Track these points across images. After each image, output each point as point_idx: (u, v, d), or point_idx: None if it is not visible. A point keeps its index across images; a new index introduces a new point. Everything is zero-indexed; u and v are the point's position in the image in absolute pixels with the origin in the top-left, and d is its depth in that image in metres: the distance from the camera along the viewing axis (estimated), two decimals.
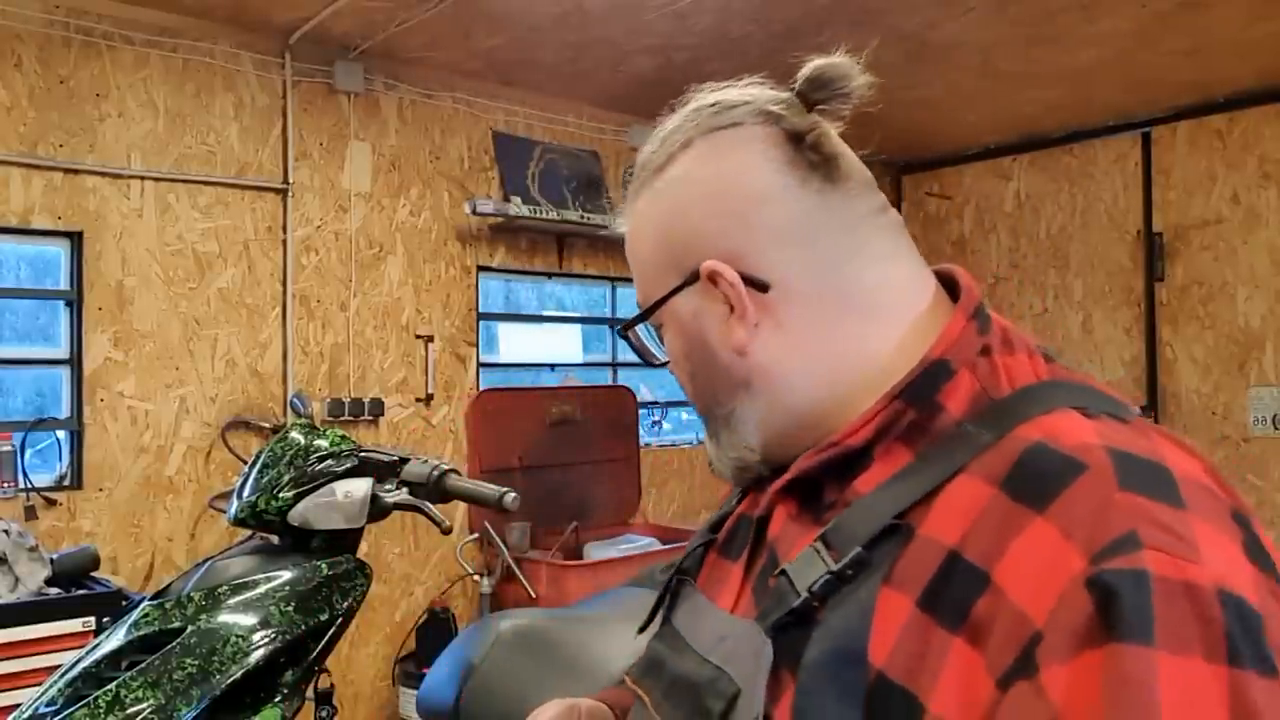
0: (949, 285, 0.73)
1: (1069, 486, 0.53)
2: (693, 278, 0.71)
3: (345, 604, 1.50)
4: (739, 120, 0.71)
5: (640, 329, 0.78)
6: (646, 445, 4.29)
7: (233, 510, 1.57)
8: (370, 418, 3.49)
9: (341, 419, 3.40)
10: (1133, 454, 0.55)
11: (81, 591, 2.49)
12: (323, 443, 1.58)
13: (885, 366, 0.67)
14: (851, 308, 0.69)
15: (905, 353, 0.67)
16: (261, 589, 1.44)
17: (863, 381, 0.67)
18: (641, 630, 0.84)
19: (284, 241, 3.33)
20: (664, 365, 0.78)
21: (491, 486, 1.54)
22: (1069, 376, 0.65)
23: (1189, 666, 0.46)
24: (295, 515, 1.51)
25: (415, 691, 2.90)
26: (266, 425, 3.23)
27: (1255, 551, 0.52)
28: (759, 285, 0.69)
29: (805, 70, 0.69)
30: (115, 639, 1.40)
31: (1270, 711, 0.46)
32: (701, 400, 0.76)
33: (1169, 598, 0.47)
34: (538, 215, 3.82)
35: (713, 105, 0.73)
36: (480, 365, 3.86)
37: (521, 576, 3.38)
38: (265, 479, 1.54)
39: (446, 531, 1.56)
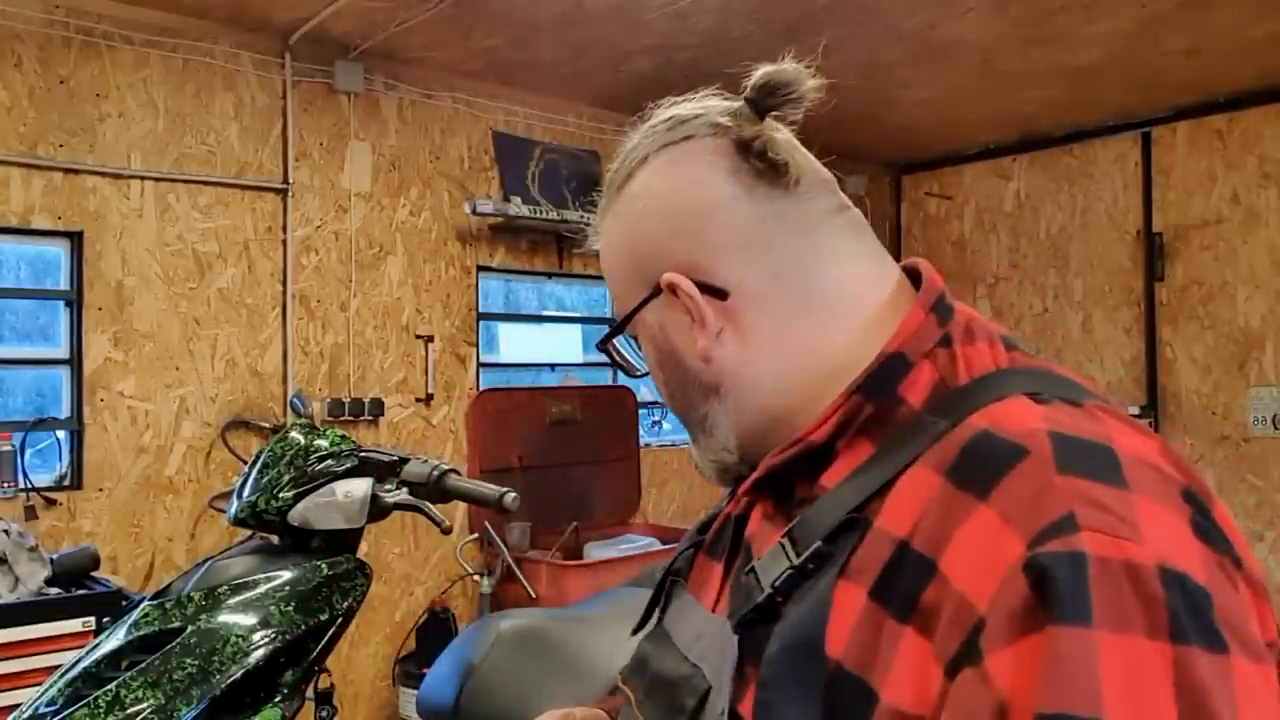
0: (916, 279, 0.73)
1: (1010, 472, 0.54)
2: (656, 290, 0.73)
3: (345, 604, 1.50)
4: (691, 133, 0.73)
5: (620, 341, 0.80)
6: (646, 445, 4.29)
7: (233, 510, 1.57)
8: (370, 418, 3.49)
9: (341, 419, 3.40)
10: (1076, 436, 0.55)
11: (81, 591, 2.49)
12: (323, 443, 1.58)
13: (846, 362, 0.68)
14: (810, 307, 0.70)
15: (864, 348, 0.68)
16: (261, 589, 1.44)
17: (825, 379, 0.69)
18: (636, 631, 0.85)
19: (284, 241, 3.33)
20: (644, 375, 0.80)
21: (491, 486, 1.54)
22: (1028, 363, 0.66)
23: (1130, 644, 0.46)
24: (295, 515, 1.51)
25: (415, 691, 2.90)
26: (266, 425, 3.23)
27: (1204, 529, 0.52)
28: (717, 293, 0.70)
29: (754, 78, 0.70)
30: (115, 639, 1.40)
31: (1217, 687, 0.45)
32: (677, 406, 0.78)
33: (1107, 577, 0.47)
34: (538, 215, 3.82)
35: (667, 121, 0.75)
36: (480, 365, 3.86)
37: (521, 576, 3.38)
38: (265, 479, 1.54)
39: (446, 531, 1.56)
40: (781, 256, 0.70)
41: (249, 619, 1.41)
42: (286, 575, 1.47)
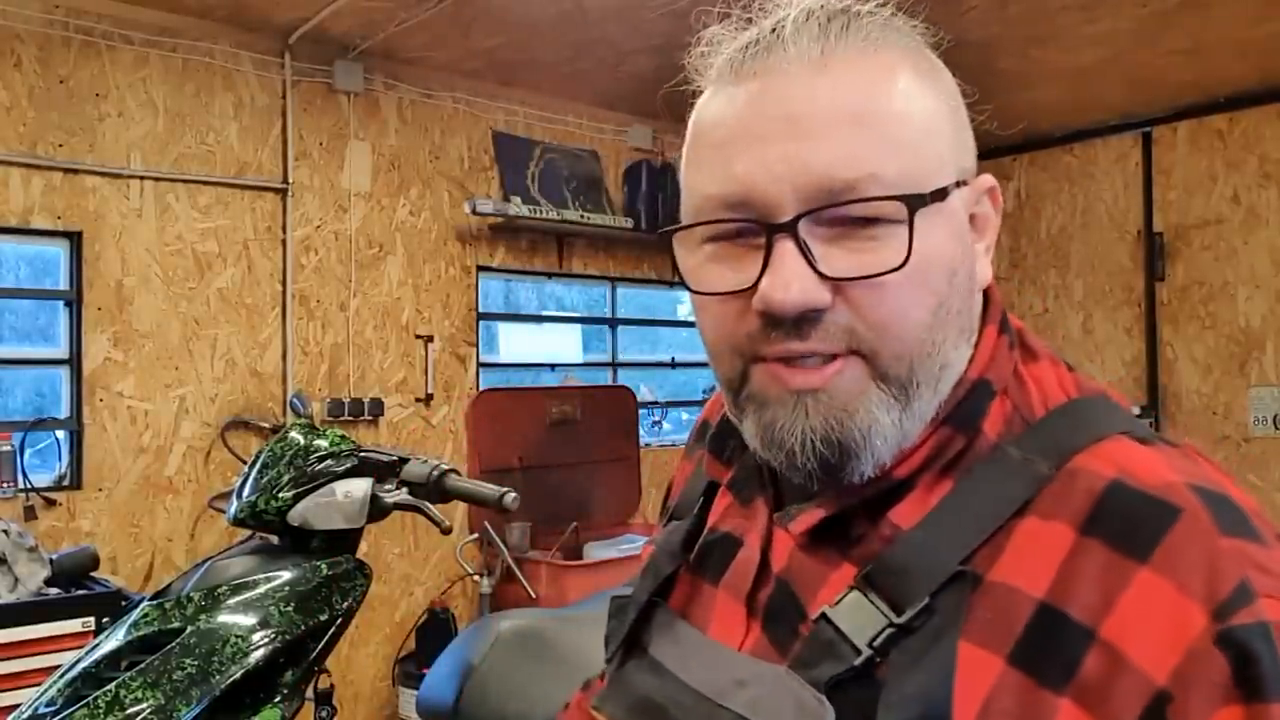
0: None
1: (1168, 533, 0.51)
2: (962, 184, 0.60)
3: (345, 604, 1.50)
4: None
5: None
6: (646, 445, 4.29)
7: (232, 510, 1.56)
8: (370, 418, 3.49)
9: (341, 419, 3.40)
10: (1216, 492, 0.53)
11: (81, 592, 2.49)
12: (322, 443, 1.58)
13: None
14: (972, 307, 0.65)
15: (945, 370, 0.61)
16: (261, 589, 1.44)
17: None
18: (610, 659, 0.74)
19: (284, 241, 3.33)
20: (899, 269, 0.56)
21: (491, 486, 1.54)
22: (1091, 388, 0.62)
23: None
24: (295, 515, 1.51)
25: (415, 691, 2.89)
26: (266, 425, 3.23)
27: None
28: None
29: None
30: (115, 639, 1.40)
31: None
32: (922, 343, 0.58)
33: None
34: (538, 215, 3.82)
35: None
36: (480, 365, 3.86)
37: (521, 576, 3.38)
38: (265, 479, 1.54)
39: (446, 531, 1.56)
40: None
41: (249, 619, 1.40)
42: (286, 575, 1.47)
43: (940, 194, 0.57)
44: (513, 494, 1.52)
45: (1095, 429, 0.57)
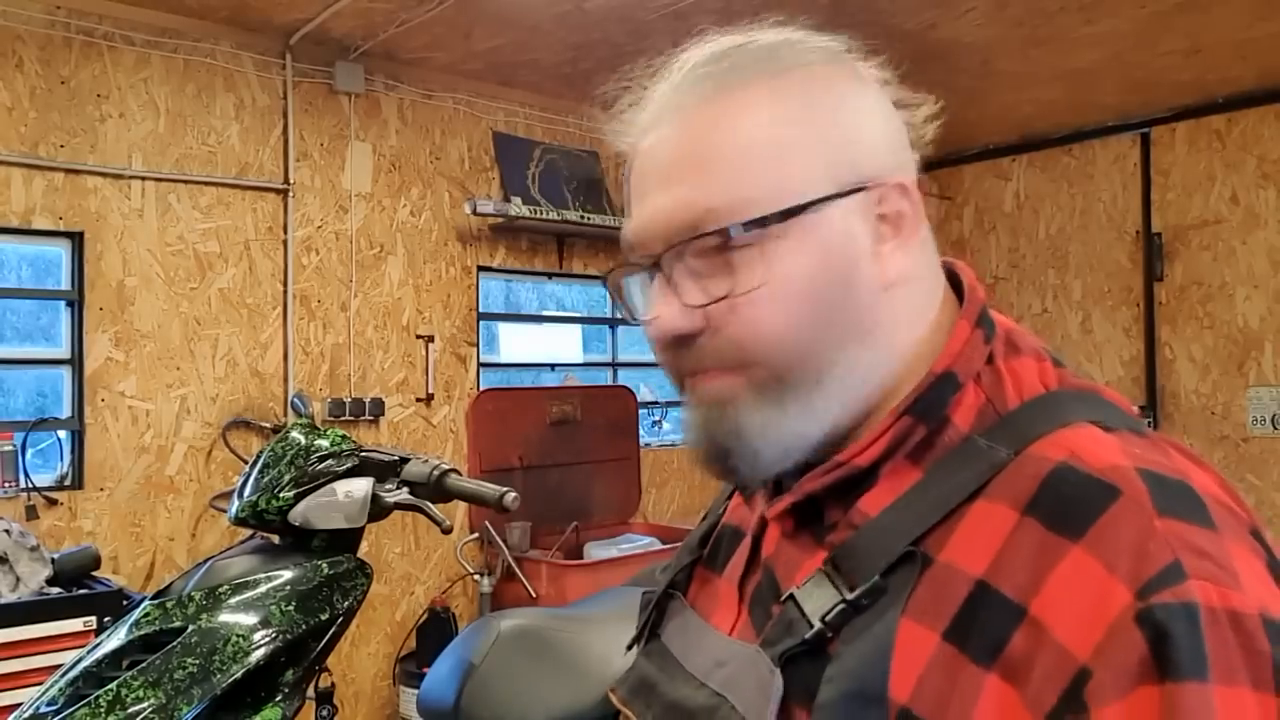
0: (952, 281, 0.70)
1: (1105, 513, 0.52)
2: (856, 189, 0.62)
3: (346, 603, 1.50)
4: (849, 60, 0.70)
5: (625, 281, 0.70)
6: (646, 445, 4.29)
7: (233, 510, 1.57)
8: (370, 418, 3.50)
9: (342, 419, 3.41)
10: (1163, 475, 0.53)
11: (82, 591, 2.50)
12: (323, 442, 1.59)
13: (896, 374, 0.64)
14: (927, 292, 0.67)
15: (912, 363, 0.64)
16: (262, 589, 1.45)
17: (882, 392, 0.64)
18: (631, 645, 0.80)
19: (284, 242, 3.34)
20: (748, 293, 0.61)
21: (491, 486, 1.55)
22: (1077, 384, 0.63)
23: (1238, 697, 0.46)
24: (296, 515, 1.52)
25: (416, 691, 2.90)
26: (267, 425, 3.24)
27: (1276, 570, 0.52)
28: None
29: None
30: (116, 638, 1.41)
31: None
32: (797, 349, 0.62)
33: (1217, 629, 0.47)
34: (538, 215, 3.82)
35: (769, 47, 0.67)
36: (480, 365, 3.86)
37: (521, 576, 3.38)
38: (266, 479, 1.55)
39: (447, 531, 1.56)
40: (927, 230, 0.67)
41: (250, 618, 1.41)
42: (287, 575, 1.47)
43: (792, 212, 0.61)
44: (513, 494, 1.52)
45: (1060, 417, 0.58)
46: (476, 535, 3.54)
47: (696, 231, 0.61)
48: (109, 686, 1.32)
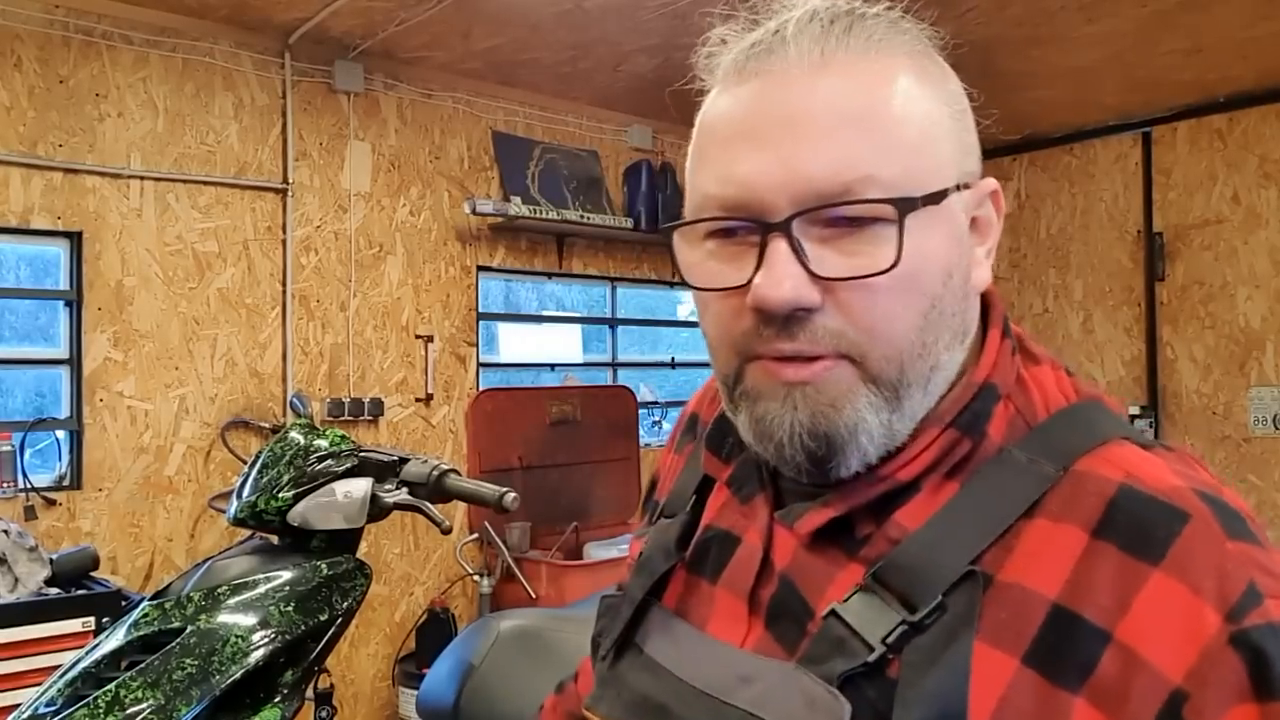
0: None
1: (1180, 536, 0.52)
2: (963, 187, 0.60)
3: (345, 604, 1.50)
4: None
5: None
6: (646, 445, 4.29)
7: (232, 510, 1.56)
8: (370, 418, 3.49)
9: (341, 419, 3.40)
10: (1215, 497, 0.55)
11: (81, 592, 2.49)
12: (322, 443, 1.58)
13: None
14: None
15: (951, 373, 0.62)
16: (261, 589, 1.44)
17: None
18: (604, 657, 0.73)
19: (284, 241, 3.33)
20: (888, 271, 0.56)
21: (491, 486, 1.54)
22: (1089, 394, 0.63)
23: None
24: (295, 515, 1.51)
25: (415, 691, 2.89)
26: (266, 425, 3.23)
27: None
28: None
29: None
30: (115, 639, 1.40)
31: None
32: (912, 344, 0.58)
33: None
34: (538, 215, 3.82)
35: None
36: (480, 365, 3.86)
37: (521, 576, 3.38)
38: (265, 479, 1.54)
39: (446, 531, 1.56)
40: None
41: (249, 619, 1.40)
42: (286, 575, 1.47)
43: (937, 197, 0.57)
44: (513, 494, 1.52)
45: (1097, 433, 0.59)
46: (476, 536, 3.53)
47: (851, 197, 0.56)
48: (108, 687, 1.31)
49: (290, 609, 1.43)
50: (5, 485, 2.75)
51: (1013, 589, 0.54)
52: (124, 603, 2.42)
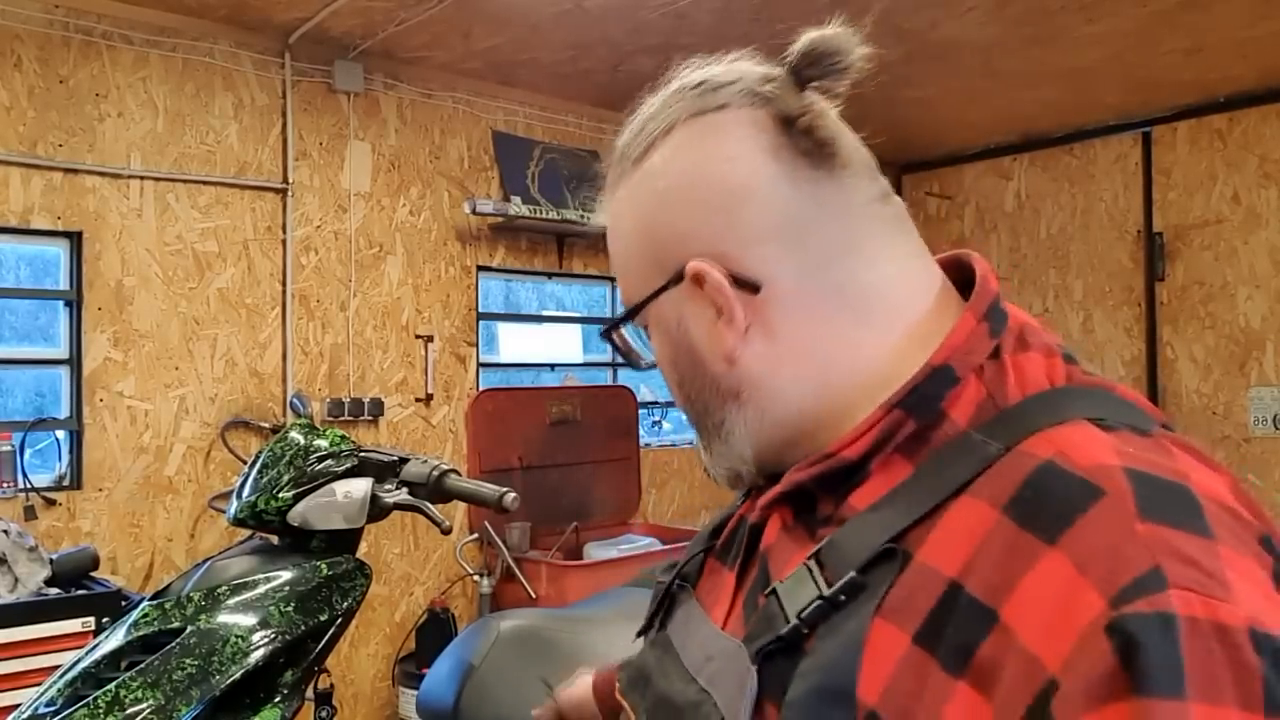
0: (966, 273, 0.68)
1: (1083, 514, 0.48)
2: (676, 278, 0.66)
3: (345, 604, 1.50)
4: (725, 102, 0.66)
5: (626, 329, 0.73)
6: (646, 445, 4.29)
7: (232, 510, 1.56)
8: (370, 418, 3.49)
9: (341, 419, 3.40)
10: (1154, 475, 0.50)
11: (81, 592, 2.49)
12: (322, 443, 1.58)
13: (883, 372, 0.62)
14: (846, 309, 0.63)
15: (905, 358, 0.62)
16: (261, 589, 1.44)
17: (859, 390, 0.62)
18: (640, 634, 0.80)
19: (284, 241, 3.33)
20: (651, 367, 0.74)
21: (491, 486, 1.54)
22: (1087, 381, 0.60)
23: (1223, 718, 0.42)
24: (295, 515, 1.51)
25: (415, 691, 2.89)
26: (266, 425, 3.23)
27: None
28: (749, 286, 0.63)
29: (799, 44, 0.63)
30: (115, 639, 1.40)
31: None
32: (691, 408, 0.71)
33: (1199, 642, 0.43)
34: (538, 215, 3.82)
35: (697, 86, 0.68)
36: (480, 365, 3.86)
37: (521, 576, 3.38)
38: (265, 479, 1.54)
39: (446, 532, 1.56)
40: (821, 249, 0.63)
41: (249, 619, 1.40)
42: (286, 575, 1.47)
43: (635, 310, 0.70)
44: (513, 494, 1.52)
45: (1058, 414, 0.56)
46: (476, 536, 3.53)
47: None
48: (108, 687, 1.31)
49: (290, 609, 1.43)
50: (5, 485, 2.75)
51: (920, 567, 0.53)
52: (124, 603, 2.42)
